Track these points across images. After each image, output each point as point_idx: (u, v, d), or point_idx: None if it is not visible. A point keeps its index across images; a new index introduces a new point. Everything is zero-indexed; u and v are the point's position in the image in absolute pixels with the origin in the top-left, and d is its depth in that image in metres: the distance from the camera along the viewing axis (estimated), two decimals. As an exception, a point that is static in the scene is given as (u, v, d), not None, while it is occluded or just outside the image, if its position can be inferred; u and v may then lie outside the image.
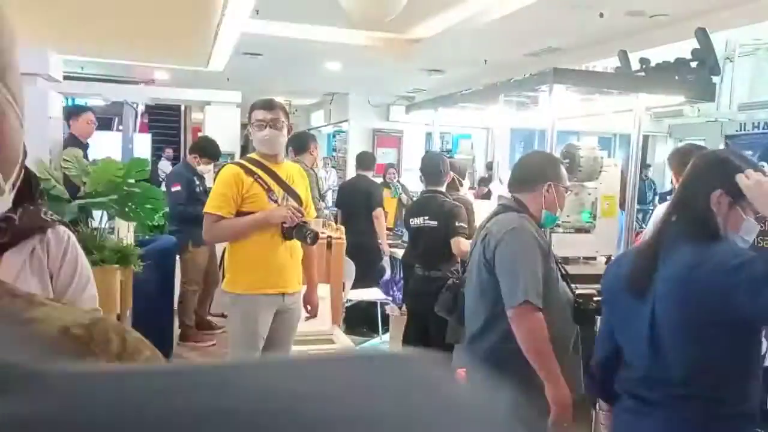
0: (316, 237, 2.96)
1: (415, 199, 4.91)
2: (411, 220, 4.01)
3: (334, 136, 13.10)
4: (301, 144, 5.13)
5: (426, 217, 3.87)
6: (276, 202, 2.86)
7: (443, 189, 3.95)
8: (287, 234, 2.86)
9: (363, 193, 6.03)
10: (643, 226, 6.08)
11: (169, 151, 12.16)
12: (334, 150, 12.77)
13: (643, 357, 1.69)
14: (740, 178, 1.61)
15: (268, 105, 2.93)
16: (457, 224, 3.76)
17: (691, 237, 1.65)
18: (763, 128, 7.68)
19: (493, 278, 2.24)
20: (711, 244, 1.63)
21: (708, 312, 1.56)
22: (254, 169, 2.86)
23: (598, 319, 2.29)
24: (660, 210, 3.34)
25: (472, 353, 2.43)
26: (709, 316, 1.56)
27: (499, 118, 4.67)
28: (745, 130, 8.63)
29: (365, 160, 6.53)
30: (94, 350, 0.47)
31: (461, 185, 4.35)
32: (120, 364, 0.47)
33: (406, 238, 4.70)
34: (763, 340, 2.00)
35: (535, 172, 2.38)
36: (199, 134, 6.68)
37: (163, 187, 5.37)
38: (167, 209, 4.82)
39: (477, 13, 5.60)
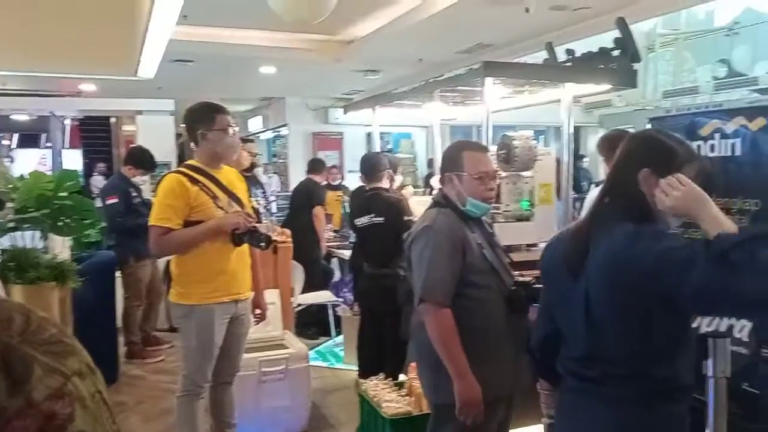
0: (269, 241, 2.94)
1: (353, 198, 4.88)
2: (356, 220, 3.99)
3: (273, 142, 12.97)
4: None
5: (372, 215, 3.86)
6: (222, 208, 2.82)
7: (383, 185, 3.96)
8: (238, 240, 2.81)
9: (305, 194, 6.06)
10: (577, 214, 6.27)
11: (101, 166, 11.77)
12: (275, 156, 12.64)
13: (580, 336, 1.72)
14: (659, 194, 1.60)
15: (227, 110, 2.91)
16: (405, 219, 3.78)
17: (622, 218, 1.67)
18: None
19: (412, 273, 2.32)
20: (641, 226, 1.64)
21: (639, 293, 1.57)
22: (197, 176, 2.79)
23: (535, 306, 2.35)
24: (593, 194, 3.47)
25: (415, 346, 2.49)
26: (640, 297, 1.57)
27: (435, 115, 4.73)
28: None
29: (315, 165, 6.63)
30: None
31: (393, 180, 4.37)
32: (21, 339, 0.47)
33: (353, 239, 4.68)
34: None
35: (444, 165, 2.42)
36: (131, 146, 6.49)
37: (98, 203, 5.20)
38: (104, 224, 4.67)
39: (407, 12, 5.68)
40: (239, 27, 6.37)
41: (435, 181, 4.03)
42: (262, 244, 2.86)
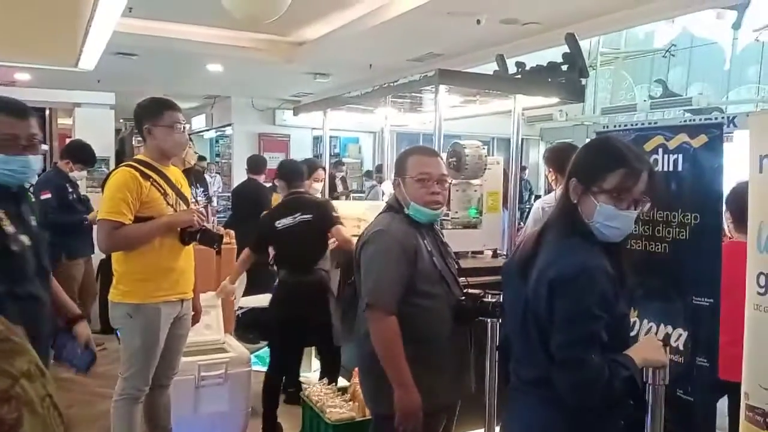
0: (221, 241, 2.89)
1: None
2: (278, 222, 3.71)
3: (216, 141, 12.73)
4: None
5: (298, 214, 3.69)
6: (171, 206, 2.75)
7: (302, 190, 3.86)
8: (189, 238, 2.76)
9: (252, 199, 5.89)
10: (522, 223, 6.40)
11: (33, 159, 11.24)
12: (218, 155, 12.40)
13: (518, 338, 1.78)
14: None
15: (178, 107, 2.85)
16: (334, 213, 3.73)
17: (556, 228, 1.74)
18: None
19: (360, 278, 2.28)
20: (567, 241, 1.70)
21: (545, 308, 1.64)
22: (148, 172, 2.72)
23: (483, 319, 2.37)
24: (538, 204, 3.55)
25: (359, 354, 2.43)
26: (547, 311, 1.64)
27: (387, 121, 4.74)
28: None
29: (256, 164, 6.36)
30: None
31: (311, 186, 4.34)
32: None
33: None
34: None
35: (395, 170, 2.39)
36: (68, 139, 6.21)
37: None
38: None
39: (360, 17, 5.69)
40: (187, 22, 6.23)
41: (387, 186, 4.02)
42: (216, 243, 2.82)
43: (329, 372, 3.69)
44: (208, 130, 12.03)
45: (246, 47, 6.79)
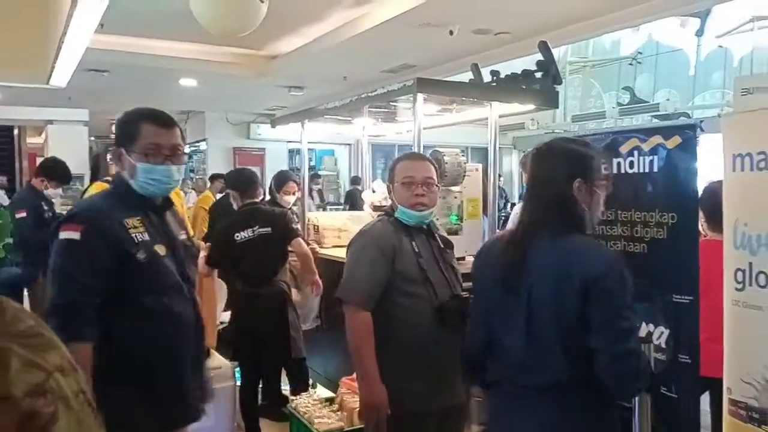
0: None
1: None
2: (236, 234, 3.68)
3: (191, 157, 12.62)
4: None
5: (257, 227, 3.66)
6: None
7: (257, 200, 3.86)
8: None
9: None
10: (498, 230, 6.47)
11: (2, 180, 11.01)
12: (192, 171, 12.29)
13: (522, 346, 1.75)
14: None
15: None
16: (293, 225, 3.78)
17: (551, 227, 1.77)
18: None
19: None
20: (574, 239, 1.75)
21: (576, 309, 1.65)
22: None
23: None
24: (517, 210, 3.60)
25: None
26: (578, 312, 1.65)
27: (364, 131, 4.76)
28: (579, 139, 9.56)
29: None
30: None
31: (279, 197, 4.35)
32: None
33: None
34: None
35: (387, 177, 2.49)
36: (38, 158, 6.11)
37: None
38: (10, 240, 4.37)
39: (334, 30, 5.72)
40: (159, 37, 6.20)
41: (366, 195, 4.03)
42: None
43: (296, 383, 3.70)
44: (181, 146, 11.93)
45: (220, 62, 6.78)
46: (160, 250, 1.92)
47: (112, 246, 1.82)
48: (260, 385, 3.89)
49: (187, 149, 10.42)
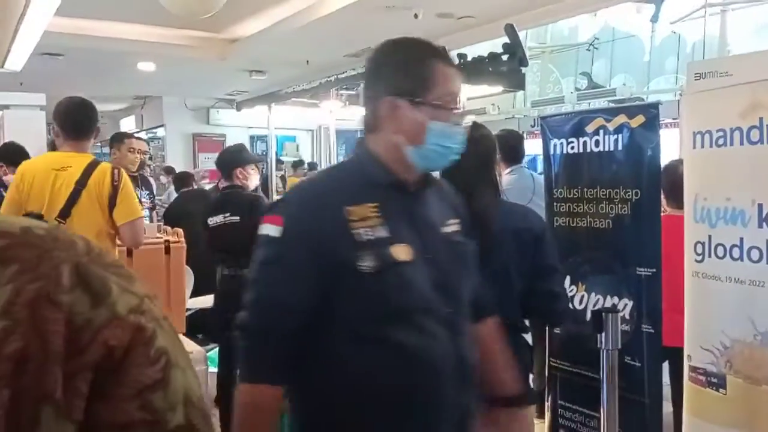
0: None
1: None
2: (209, 219, 3.69)
3: (148, 144, 12.36)
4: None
5: (228, 213, 3.63)
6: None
7: (238, 183, 3.72)
8: None
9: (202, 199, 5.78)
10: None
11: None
12: (150, 158, 12.04)
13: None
14: None
15: None
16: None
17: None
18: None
19: None
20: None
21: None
22: None
23: None
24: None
25: None
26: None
27: (331, 115, 4.76)
28: (538, 124, 9.75)
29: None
30: (59, 248, 0.47)
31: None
32: (88, 260, 0.47)
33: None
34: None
35: None
36: (4, 143, 5.89)
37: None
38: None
39: (295, 13, 5.67)
40: (116, 20, 6.04)
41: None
42: None
43: None
44: (138, 132, 11.66)
45: (179, 45, 6.64)
46: (403, 253, 1.24)
47: (319, 249, 1.22)
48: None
49: (143, 135, 10.20)
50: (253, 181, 3.88)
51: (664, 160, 2.72)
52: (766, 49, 4.87)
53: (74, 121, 2.84)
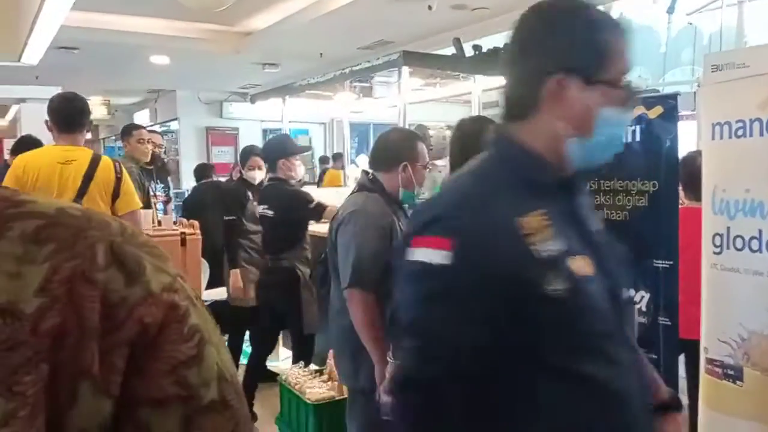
0: None
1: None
2: (258, 208, 3.81)
3: (162, 137, 12.43)
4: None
5: (265, 206, 3.69)
6: None
7: (281, 175, 3.68)
8: None
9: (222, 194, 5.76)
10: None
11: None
12: (165, 151, 12.12)
13: None
14: None
15: None
16: (308, 206, 3.64)
17: None
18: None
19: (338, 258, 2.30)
20: None
21: None
22: None
23: None
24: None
25: (333, 333, 2.47)
26: None
27: (345, 108, 4.76)
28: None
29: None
30: (94, 228, 0.48)
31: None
32: (122, 240, 0.48)
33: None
34: None
35: (391, 152, 2.40)
36: (4, 140, 5.95)
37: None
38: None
39: (309, 5, 5.67)
40: (131, 14, 6.07)
41: (352, 171, 4.03)
42: None
43: (302, 358, 3.73)
44: (152, 125, 11.73)
45: (193, 38, 6.67)
46: (584, 266, 1.01)
47: (499, 275, 0.96)
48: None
49: (157, 129, 10.31)
50: (299, 172, 3.87)
51: (681, 152, 2.70)
52: (785, 40, 4.81)
53: (66, 115, 2.94)
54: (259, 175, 4.20)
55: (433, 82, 3.93)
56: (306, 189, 4.23)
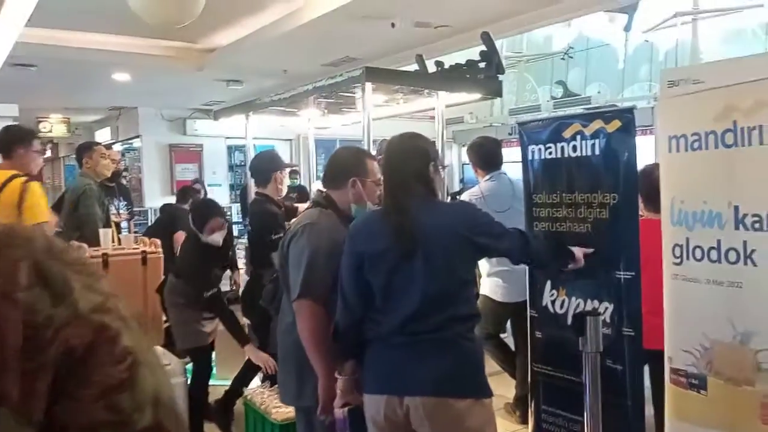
0: None
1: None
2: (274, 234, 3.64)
3: (123, 155, 12.21)
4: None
5: (247, 222, 3.73)
6: None
7: (268, 192, 3.63)
8: None
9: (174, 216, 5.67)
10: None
11: None
12: (126, 169, 11.89)
13: (414, 298, 1.96)
14: None
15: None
16: (271, 236, 3.51)
17: (421, 196, 2.05)
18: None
19: (289, 271, 2.29)
20: (442, 202, 2.23)
21: (467, 247, 2.01)
22: None
23: None
24: (465, 196, 3.69)
25: (280, 350, 2.44)
26: (467, 249, 2.02)
27: (310, 123, 4.74)
28: (515, 132, 9.82)
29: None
30: (16, 245, 0.45)
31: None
32: (48, 257, 0.46)
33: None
34: None
35: (341, 169, 2.40)
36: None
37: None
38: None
39: (273, 22, 5.66)
40: (90, 30, 5.97)
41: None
42: None
43: (272, 377, 3.68)
44: (113, 143, 11.52)
45: (155, 55, 6.58)
46: None
47: None
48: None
49: (119, 146, 10.09)
50: (286, 185, 3.93)
51: (639, 166, 2.75)
52: (736, 57, 4.98)
53: None
54: (220, 237, 3.68)
55: (397, 98, 3.94)
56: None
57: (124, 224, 4.95)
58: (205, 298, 3.43)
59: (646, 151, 2.37)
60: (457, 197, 4.09)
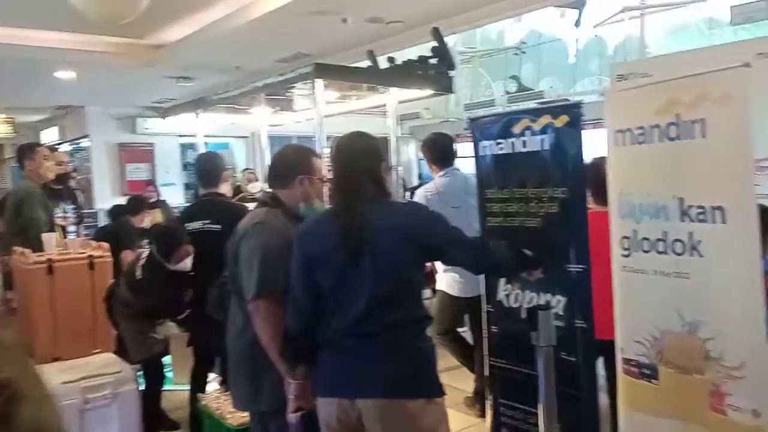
0: None
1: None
2: (187, 224, 3.53)
3: (72, 155, 11.82)
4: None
5: (207, 221, 3.45)
6: None
7: (222, 191, 3.57)
8: None
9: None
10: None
11: None
12: (75, 170, 11.52)
13: (361, 301, 1.92)
14: None
15: None
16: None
17: (372, 198, 2.01)
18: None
19: (240, 272, 2.23)
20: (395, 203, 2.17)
21: (416, 249, 1.98)
22: None
23: None
24: (421, 192, 3.69)
25: (232, 356, 2.37)
26: (416, 251, 1.98)
27: (263, 121, 4.66)
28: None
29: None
30: None
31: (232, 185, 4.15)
32: None
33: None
34: None
35: (287, 167, 2.36)
36: None
37: None
38: None
39: (223, 17, 5.55)
40: (31, 27, 5.74)
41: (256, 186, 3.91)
42: None
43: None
44: (61, 144, 11.14)
45: (99, 51, 6.38)
46: None
47: None
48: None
49: (67, 146, 9.81)
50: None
51: (589, 159, 2.78)
52: (680, 50, 5.11)
53: None
54: (190, 262, 3.47)
55: (350, 95, 3.90)
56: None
57: (71, 228, 4.78)
58: (179, 320, 3.38)
59: (599, 145, 2.38)
60: (414, 192, 4.08)
